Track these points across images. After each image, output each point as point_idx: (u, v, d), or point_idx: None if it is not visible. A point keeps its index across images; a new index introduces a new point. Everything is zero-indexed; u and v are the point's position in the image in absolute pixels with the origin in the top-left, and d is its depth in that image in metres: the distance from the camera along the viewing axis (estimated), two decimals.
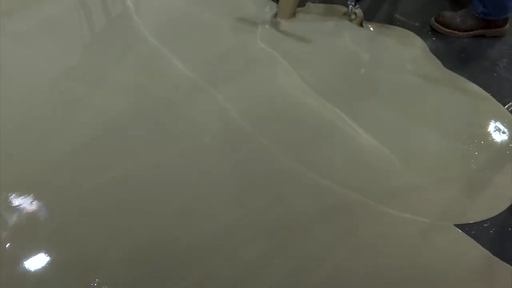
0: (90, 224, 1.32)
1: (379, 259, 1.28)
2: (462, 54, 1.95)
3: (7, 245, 1.26)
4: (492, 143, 1.62)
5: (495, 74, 1.86)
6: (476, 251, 1.30)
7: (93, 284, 1.19)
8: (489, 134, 1.64)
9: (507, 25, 2.03)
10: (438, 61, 1.92)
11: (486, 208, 1.42)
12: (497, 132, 1.65)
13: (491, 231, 1.35)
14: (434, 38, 2.01)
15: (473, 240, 1.32)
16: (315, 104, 1.70)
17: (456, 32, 2.02)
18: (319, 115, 1.67)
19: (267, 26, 2.04)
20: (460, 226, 1.37)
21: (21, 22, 2.01)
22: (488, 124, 1.68)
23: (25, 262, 1.23)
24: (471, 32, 2.02)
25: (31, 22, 2.01)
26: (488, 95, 1.79)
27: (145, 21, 2.03)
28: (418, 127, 1.66)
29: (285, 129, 1.61)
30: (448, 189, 1.47)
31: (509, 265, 1.27)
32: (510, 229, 1.36)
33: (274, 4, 2.13)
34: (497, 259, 1.28)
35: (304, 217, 1.36)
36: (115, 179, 1.43)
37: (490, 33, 2.03)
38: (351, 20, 2.07)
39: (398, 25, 2.09)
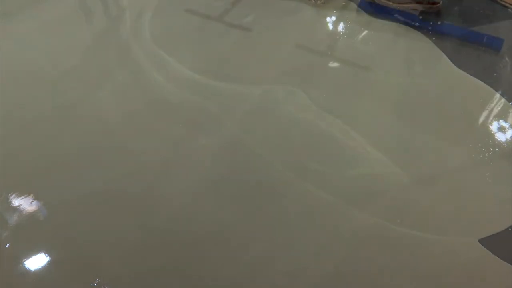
0: (90, 223, 1.32)
1: (380, 259, 1.27)
2: (460, 54, 1.95)
3: (7, 245, 1.27)
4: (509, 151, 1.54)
5: (495, 74, 1.86)
6: (476, 251, 1.30)
7: (93, 284, 1.19)
8: (504, 141, 1.58)
9: (441, 3, 2.13)
10: (447, 59, 1.88)
11: (504, 218, 1.37)
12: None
13: None
14: (434, 38, 2.01)
15: (473, 239, 1.32)
16: (314, 116, 1.66)
17: (391, 3, 2.15)
18: (317, 126, 1.62)
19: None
20: None
21: (22, 24, 2.02)
22: (504, 130, 1.62)
23: (25, 262, 1.23)
24: (405, 5, 2.13)
25: (31, 23, 2.02)
26: (499, 95, 1.74)
27: (142, 23, 2.04)
28: (431, 138, 1.57)
29: (283, 136, 1.60)
30: (464, 203, 1.40)
31: (510, 265, 1.27)
32: (510, 229, 1.35)
33: None
34: (497, 258, 1.28)
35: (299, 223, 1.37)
36: (115, 179, 1.43)
37: (424, 8, 2.14)
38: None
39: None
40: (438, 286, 1.23)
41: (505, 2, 2.20)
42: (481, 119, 1.66)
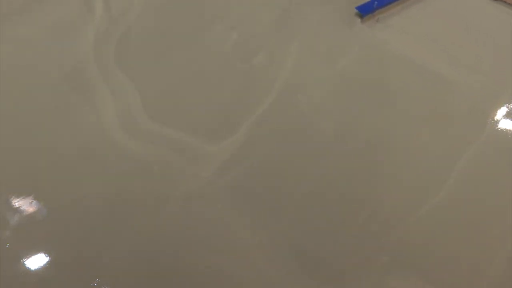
0: (91, 224, 1.32)
1: None
2: None
3: (7, 245, 1.27)
4: None
5: None
6: None
7: (93, 284, 1.19)
8: None
9: None
10: None
11: None
12: None
13: None
14: None
15: None
16: None
17: None
18: None
19: None
20: None
21: (22, 26, 2.00)
22: None
23: (25, 262, 1.24)
24: None
25: (31, 26, 2.01)
26: None
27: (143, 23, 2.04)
28: None
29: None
30: None
31: None
32: None
33: None
34: None
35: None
36: (115, 179, 1.43)
37: None
38: None
39: None
40: None
41: (505, 1, 2.20)
42: None
